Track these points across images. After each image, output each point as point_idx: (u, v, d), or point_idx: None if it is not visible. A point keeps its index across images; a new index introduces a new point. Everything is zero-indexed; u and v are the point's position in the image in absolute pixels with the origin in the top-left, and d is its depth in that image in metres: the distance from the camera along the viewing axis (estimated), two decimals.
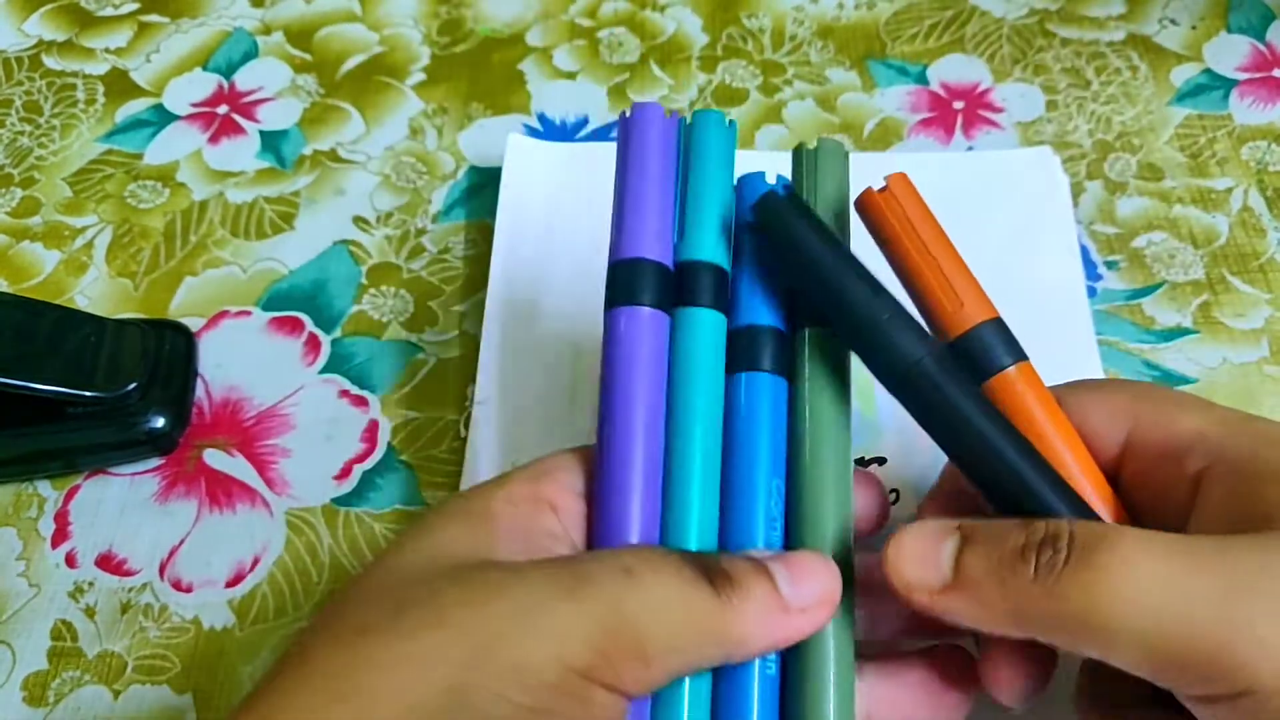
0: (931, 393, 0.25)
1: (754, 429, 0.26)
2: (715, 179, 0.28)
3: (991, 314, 0.26)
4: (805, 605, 0.24)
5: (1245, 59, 0.49)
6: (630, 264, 0.26)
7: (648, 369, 0.26)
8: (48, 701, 0.35)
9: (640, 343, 0.26)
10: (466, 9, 0.54)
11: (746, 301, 0.27)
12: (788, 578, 0.24)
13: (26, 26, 0.54)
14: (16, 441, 0.39)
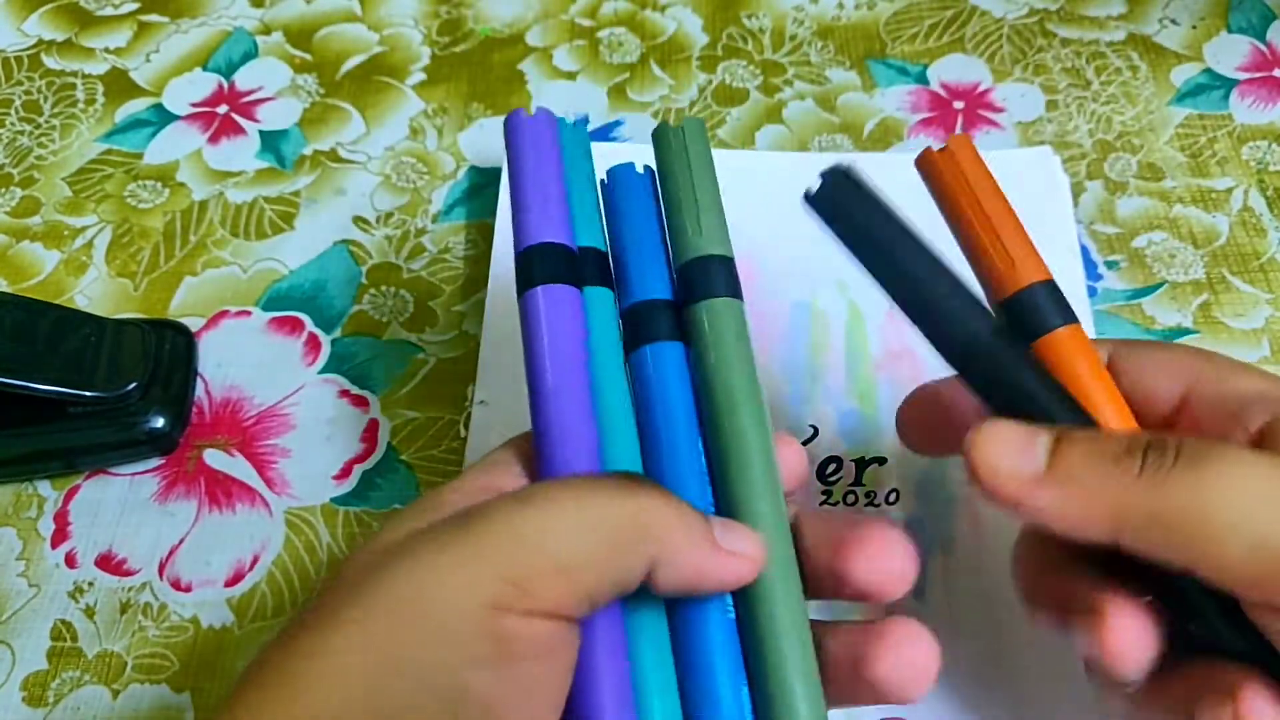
0: (992, 368, 0.25)
1: (669, 394, 0.26)
2: (583, 172, 0.30)
3: (1044, 275, 0.27)
4: (733, 550, 0.23)
5: (1245, 59, 0.49)
6: (540, 248, 0.27)
7: (571, 343, 0.26)
8: (47, 701, 0.35)
9: (562, 318, 0.26)
10: (467, 9, 0.54)
11: (636, 281, 0.28)
12: (720, 526, 0.24)
13: (26, 26, 0.54)
14: (16, 441, 0.38)
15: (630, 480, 0.23)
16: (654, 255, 0.28)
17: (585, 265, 0.28)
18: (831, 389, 0.39)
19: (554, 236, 0.27)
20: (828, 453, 0.37)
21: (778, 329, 0.40)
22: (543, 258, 0.27)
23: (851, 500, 0.36)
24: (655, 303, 0.27)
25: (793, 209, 0.43)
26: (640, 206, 0.29)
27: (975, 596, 0.34)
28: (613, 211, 0.29)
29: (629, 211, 0.29)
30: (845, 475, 0.37)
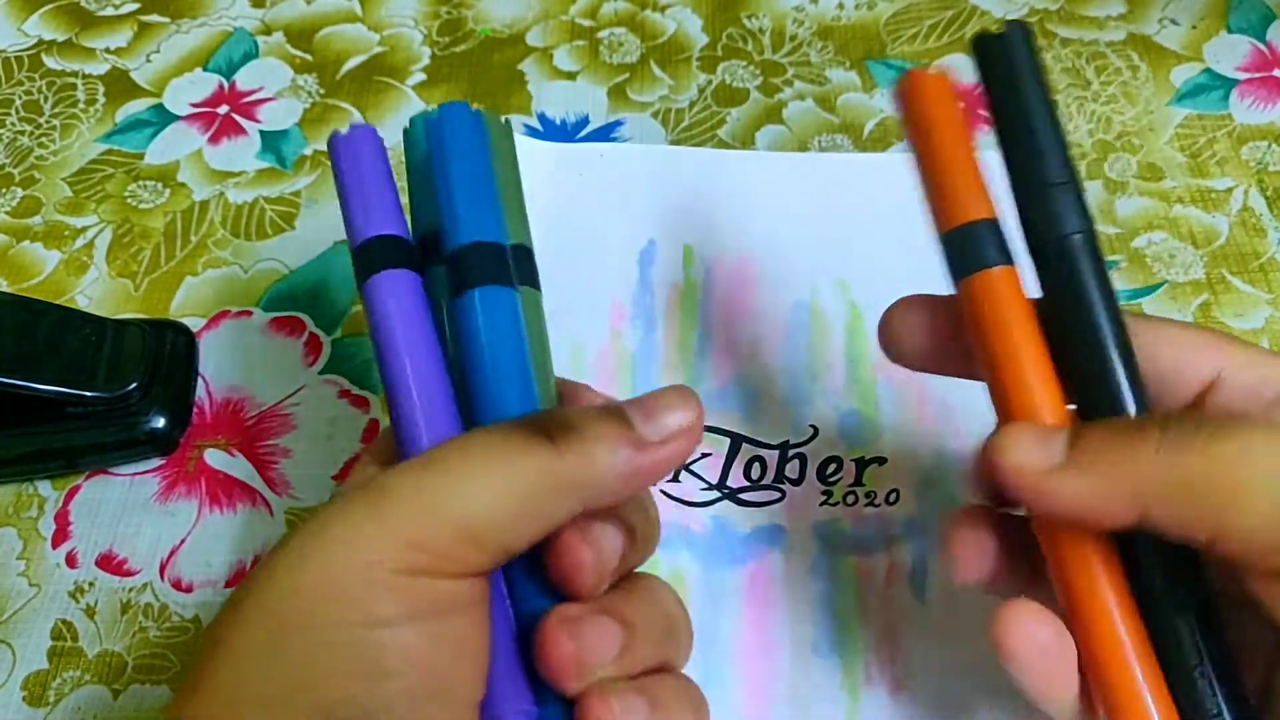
0: (1068, 272, 0.25)
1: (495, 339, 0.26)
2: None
3: (988, 214, 0.26)
4: (664, 436, 0.23)
5: (1245, 59, 0.49)
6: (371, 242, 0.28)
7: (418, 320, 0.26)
8: (48, 701, 0.35)
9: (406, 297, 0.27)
10: (467, 9, 0.54)
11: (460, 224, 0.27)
12: (641, 413, 0.23)
13: (26, 26, 0.54)
14: (17, 441, 0.39)
15: (542, 425, 0.23)
16: (479, 196, 0.28)
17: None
18: (831, 389, 0.39)
19: (383, 230, 0.28)
20: (828, 453, 0.37)
21: (778, 329, 0.40)
22: (375, 250, 0.27)
23: (851, 500, 0.36)
24: (478, 246, 0.27)
25: (793, 209, 0.43)
26: (466, 147, 0.29)
27: (977, 595, 0.34)
28: (438, 149, 0.29)
29: (454, 152, 0.29)
30: (845, 475, 0.37)
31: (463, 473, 0.22)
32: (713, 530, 0.36)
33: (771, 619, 0.34)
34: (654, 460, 0.23)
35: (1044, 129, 0.26)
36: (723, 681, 0.33)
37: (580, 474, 0.22)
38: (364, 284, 0.27)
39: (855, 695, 0.33)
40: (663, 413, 0.23)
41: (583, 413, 0.23)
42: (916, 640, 0.34)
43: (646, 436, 0.23)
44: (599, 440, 0.22)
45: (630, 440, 0.23)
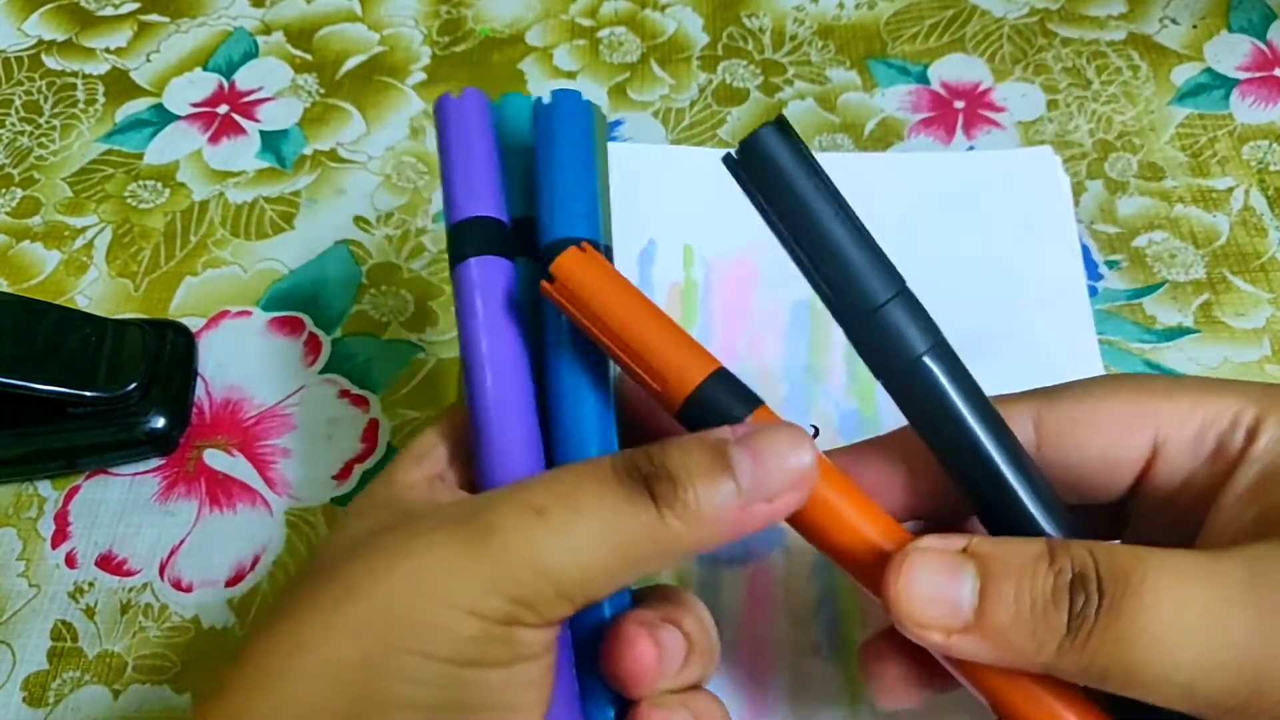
0: (928, 396, 0.23)
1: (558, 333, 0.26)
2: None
3: (713, 367, 0.24)
4: (772, 494, 0.21)
5: (1246, 58, 0.49)
6: (468, 223, 0.27)
7: (504, 311, 0.26)
8: (48, 702, 0.35)
9: (496, 288, 0.26)
10: (467, 9, 0.54)
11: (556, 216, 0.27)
12: (750, 461, 0.21)
13: (26, 26, 0.54)
14: (17, 441, 0.39)
15: (644, 476, 0.21)
16: (582, 191, 0.27)
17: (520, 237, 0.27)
18: (831, 389, 0.39)
19: (483, 210, 0.27)
20: None
21: (778, 329, 0.40)
22: (472, 232, 0.26)
23: None
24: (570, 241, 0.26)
25: None
26: (577, 139, 0.28)
27: None
28: (549, 137, 0.28)
29: (564, 143, 0.28)
30: None
31: (571, 530, 0.21)
32: None
33: (772, 620, 0.34)
34: (758, 519, 0.22)
35: (845, 243, 0.22)
36: (723, 683, 0.33)
37: (683, 541, 0.21)
38: (457, 266, 0.26)
39: (856, 697, 0.33)
40: (774, 462, 0.21)
41: (686, 459, 0.21)
42: None
43: (753, 496, 0.21)
44: (702, 504, 0.21)
45: (737, 503, 0.21)
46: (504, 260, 0.26)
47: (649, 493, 0.21)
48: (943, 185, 0.44)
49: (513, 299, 0.26)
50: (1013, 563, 0.21)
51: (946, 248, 0.42)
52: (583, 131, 0.28)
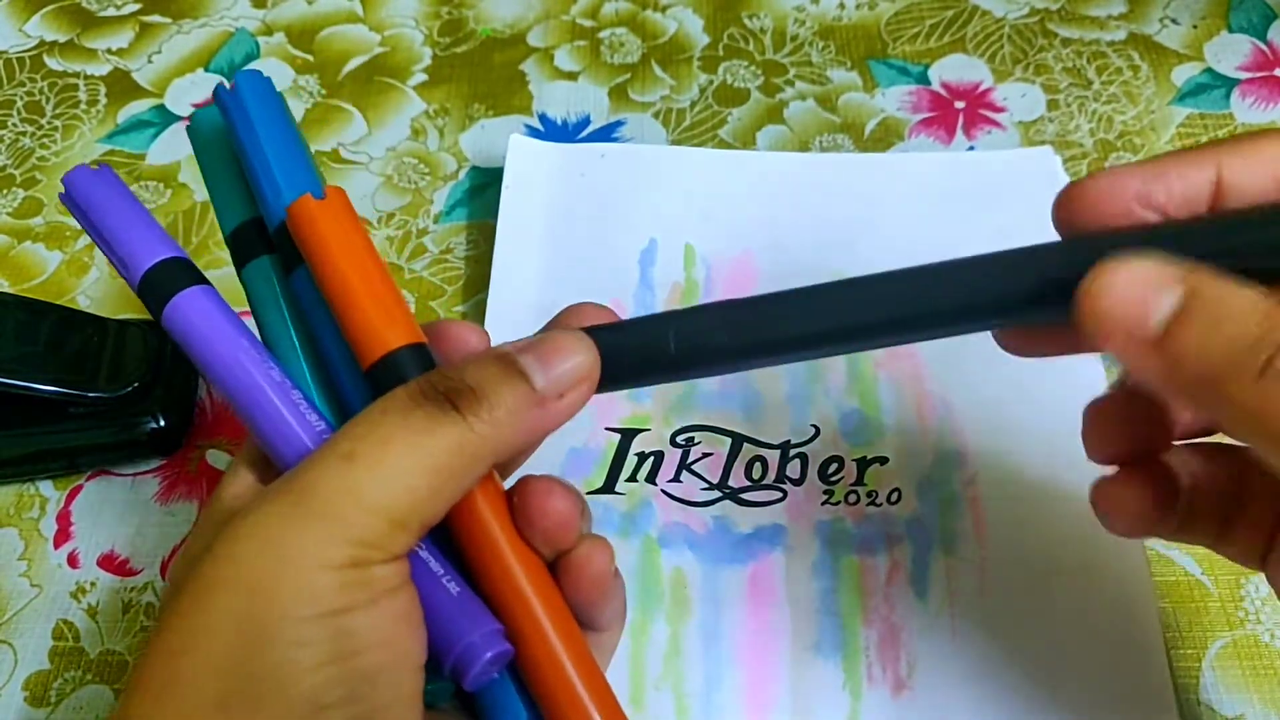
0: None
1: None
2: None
3: (416, 338, 0.25)
4: (563, 389, 0.24)
5: (1246, 58, 0.49)
6: (157, 267, 0.27)
7: (225, 337, 0.26)
8: (50, 701, 0.35)
9: (203, 313, 0.26)
10: (468, 9, 0.54)
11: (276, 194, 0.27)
12: (538, 364, 0.23)
13: (28, 27, 0.55)
14: (19, 442, 0.39)
15: (446, 393, 0.23)
16: (290, 161, 0.27)
17: (240, 245, 0.28)
18: (832, 388, 0.39)
19: (158, 256, 0.27)
20: (829, 452, 0.37)
21: None
22: (157, 278, 0.26)
23: (853, 500, 0.36)
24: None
25: (793, 208, 0.43)
26: (265, 114, 0.27)
27: (977, 596, 0.35)
28: (239, 122, 0.27)
29: (257, 120, 0.27)
30: (847, 475, 0.37)
31: (383, 462, 0.22)
32: (714, 530, 0.36)
33: (773, 619, 0.34)
34: (555, 414, 0.24)
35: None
36: (724, 682, 0.33)
37: (490, 443, 0.23)
38: (163, 314, 0.26)
39: (857, 696, 0.33)
40: (558, 359, 0.24)
41: (481, 371, 0.23)
42: (918, 640, 0.34)
43: (547, 392, 0.23)
44: (504, 406, 0.23)
45: (533, 400, 0.23)
46: (203, 286, 0.27)
47: (452, 406, 0.22)
48: (943, 186, 0.44)
49: (229, 312, 0.27)
50: (1221, 302, 0.21)
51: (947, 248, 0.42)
52: (274, 105, 0.28)
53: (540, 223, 0.43)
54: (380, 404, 0.23)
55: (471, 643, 0.23)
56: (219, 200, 0.29)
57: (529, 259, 0.42)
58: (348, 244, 0.25)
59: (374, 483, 0.22)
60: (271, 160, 0.27)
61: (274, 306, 0.27)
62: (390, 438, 0.22)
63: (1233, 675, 0.34)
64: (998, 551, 0.35)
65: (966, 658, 0.33)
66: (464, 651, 0.23)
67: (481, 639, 0.23)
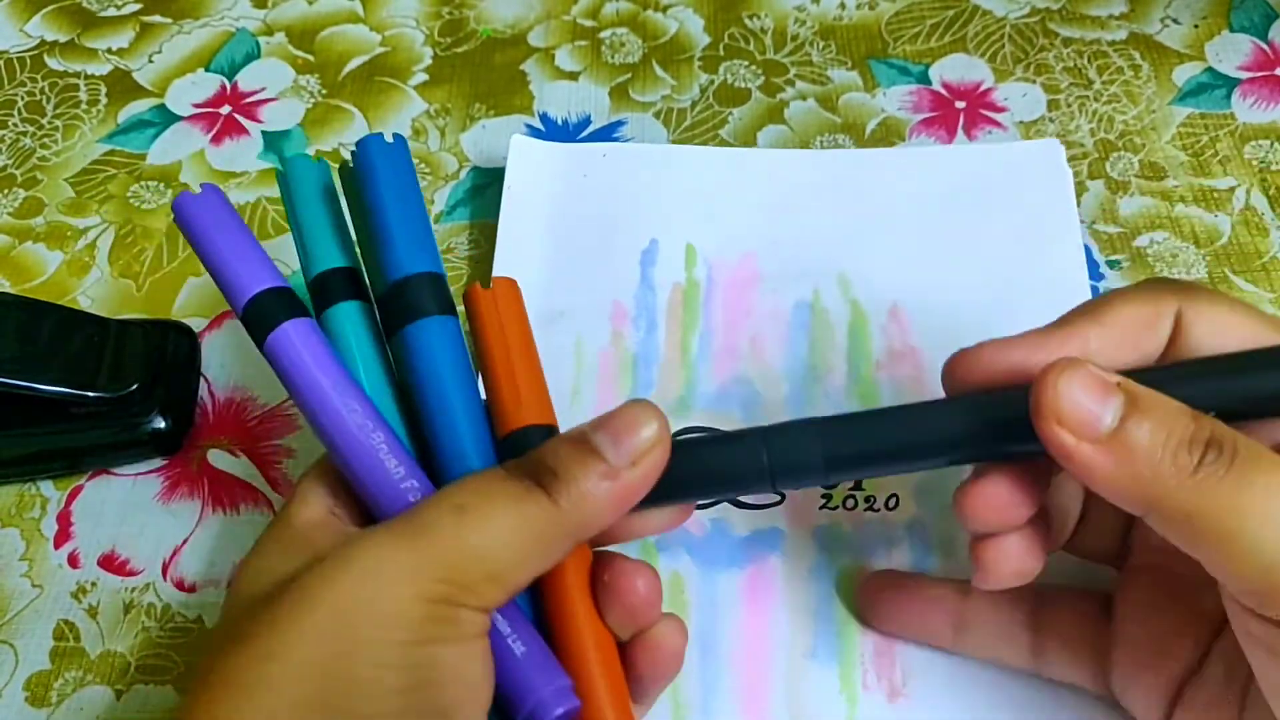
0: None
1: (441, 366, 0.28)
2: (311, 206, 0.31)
3: (545, 420, 0.28)
4: (636, 458, 0.25)
5: (1247, 58, 0.49)
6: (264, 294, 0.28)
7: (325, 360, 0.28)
8: (50, 701, 0.35)
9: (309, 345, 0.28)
10: (469, 10, 0.54)
11: (396, 256, 0.29)
12: (610, 440, 0.25)
13: (29, 27, 0.55)
14: (19, 442, 0.39)
15: (534, 475, 0.25)
16: (412, 226, 0.29)
17: (326, 290, 0.30)
18: (832, 389, 0.39)
19: (264, 284, 0.28)
20: None
21: (779, 329, 0.40)
22: (265, 305, 0.28)
23: (851, 505, 0.36)
24: (414, 279, 0.29)
25: (795, 207, 0.43)
26: (393, 177, 0.30)
27: None
28: (367, 182, 0.30)
29: (383, 182, 0.29)
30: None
31: (490, 519, 0.24)
32: (712, 533, 0.36)
33: (769, 623, 0.34)
34: (631, 485, 0.25)
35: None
36: (720, 686, 0.33)
37: (576, 520, 0.25)
38: (265, 344, 0.28)
39: (853, 701, 0.33)
40: (628, 433, 0.25)
41: (559, 455, 0.25)
42: (914, 647, 0.34)
43: (620, 464, 0.25)
44: (583, 483, 0.25)
45: (608, 474, 0.25)
46: (309, 319, 0.28)
47: (540, 488, 0.25)
48: (948, 180, 0.44)
49: (330, 348, 0.28)
50: (1159, 405, 0.24)
51: (950, 240, 0.42)
52: (404, 170, 0.30)
53: (541, 223, 0.43)
54: (487, 472, 0.26)
55: (544, 696, 0.25)
56: (311, 245, 0.30)
57: (530, 259, 0.42)
58: (517, 328, 0.29)
59: (479, 535, 0.24)
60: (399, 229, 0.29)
61: (361, 348, 0.29)
62: (496, 501, 0.25)
63: None
64: None
65: (962, 665, 0.33)
66: (538, 704, 0.25)
67: (553, 694, 0.25)
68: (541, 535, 0.25)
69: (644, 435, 0.25)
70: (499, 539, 0.24)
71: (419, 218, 0.29)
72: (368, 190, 0.29)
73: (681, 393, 0.39)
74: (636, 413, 0.26)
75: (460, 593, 0.24)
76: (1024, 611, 0.31)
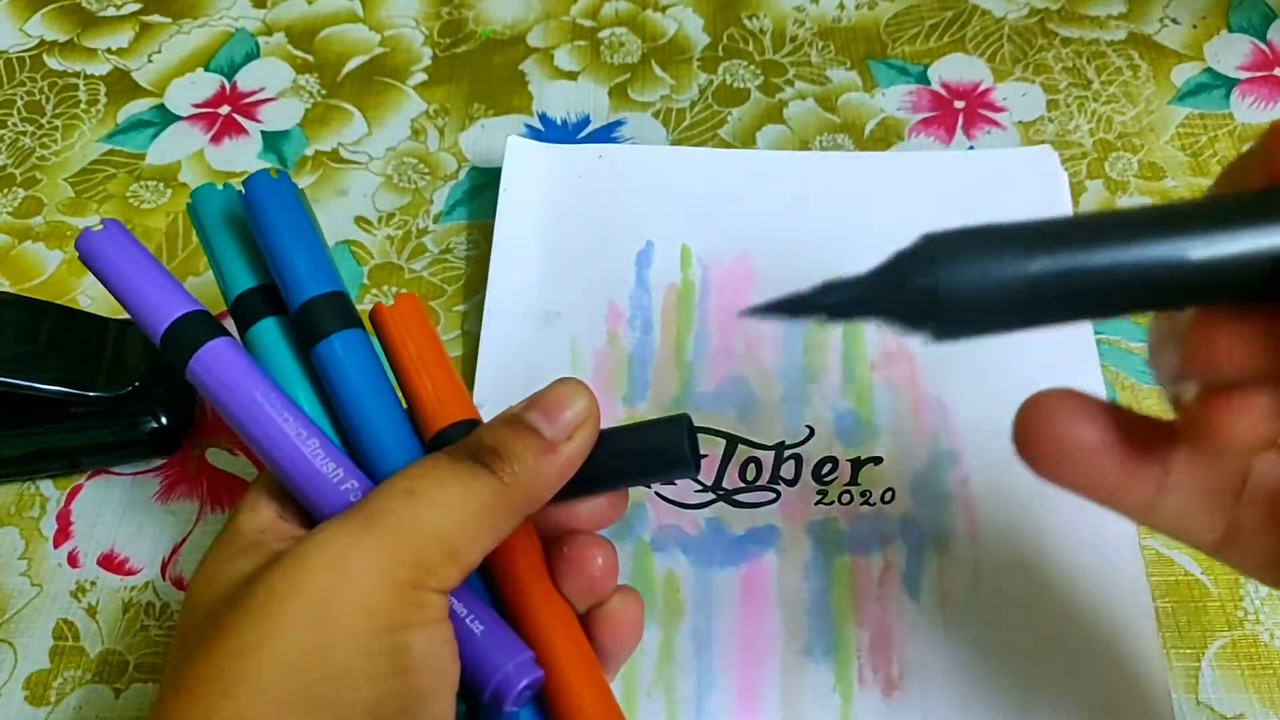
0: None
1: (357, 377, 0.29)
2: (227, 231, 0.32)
3: (469, 416, 0.29)
4: (570, 431, 0.26)
5: (1246, 58, 0.49)
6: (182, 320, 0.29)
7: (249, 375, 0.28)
8: (49, 700, 0.35)
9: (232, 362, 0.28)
10: (468, 10, 0.54)
11: (294, 283, 0.30)
12: (544, 417, 0.26)
13: (28, 27, 0.55)
14: (19, 441, 0.39)
15: (477, 455, 0.26)
16: (308, 252, 0.30)
17: (245, 310, 0.30)
18: (828, 389, 0.39)
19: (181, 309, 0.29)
20: (823, 453, 0.37)
21: (774, 329, 0.40)
22: (186, 329, 0.29)
23: (847, 500, 0.36)
24: (315, 301, 0.29)
25: (791, 209, 0.43)
26: (282, 210, 0.31)
27: (970, 596, 0.35)
28: (258, 219, 0.31)
29: (275, 217, 0.30)
30: (840, 475, 0.37)
31: (439, 498, 0.25)
32: (707, 532, 0.36)
33: (765, 622, 0.34)
34: (569, 457, 0.27)
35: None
36: (715, 683, 0.33)
37: (521, 494, 0.26)
38: (191, 362, 0.28)
39: (848, 697, 0.33)
40: (560, 409, 0.27)
41: (498, 434, 0.26)
42: (910, 642, 0.34)
43: (556, 438, 0.26)
44: (524, 459, 0.26)
45: (545, 448, 0.26)
46: (231, 338, 0.29)
47: (484, 466, 0.26)
48: (942, 185, 0.44)
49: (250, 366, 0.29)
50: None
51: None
52: (292, 202, 0.31)
53: (537, 224, 0.44)
54: (431, 458, 0.27)
55: (508, 671, 0.26)
56: (226, 269, 0.31)
57: (526, 260, 0.42)
58: (425, 337, 0.30)
59: (432, 515, 0.25)
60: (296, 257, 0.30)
61: (286, 361, 0.30)
62: (443, 481, 0.26)
63: (1232, 675, 0.34)
64: (991, 552, 0.35)
65: (959, 659, 0.33)
66: (503, 679, 0.26)
67: (516, 668, 0.26)
68: (490, 511, 0.26)
69: (575, 410, 0.27)
70: (451, 517, 0.25)
71: (313, 243, 0.30)
72: (261, 225, 0.30)
73: (677, 393, 0.39)
74: (566, 390, 0.27)
75: (424, 575, 0.24)
76: (1232, 472, 0.23)
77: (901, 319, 0.20)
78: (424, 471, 0.26)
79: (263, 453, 0.28)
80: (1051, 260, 0.19)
